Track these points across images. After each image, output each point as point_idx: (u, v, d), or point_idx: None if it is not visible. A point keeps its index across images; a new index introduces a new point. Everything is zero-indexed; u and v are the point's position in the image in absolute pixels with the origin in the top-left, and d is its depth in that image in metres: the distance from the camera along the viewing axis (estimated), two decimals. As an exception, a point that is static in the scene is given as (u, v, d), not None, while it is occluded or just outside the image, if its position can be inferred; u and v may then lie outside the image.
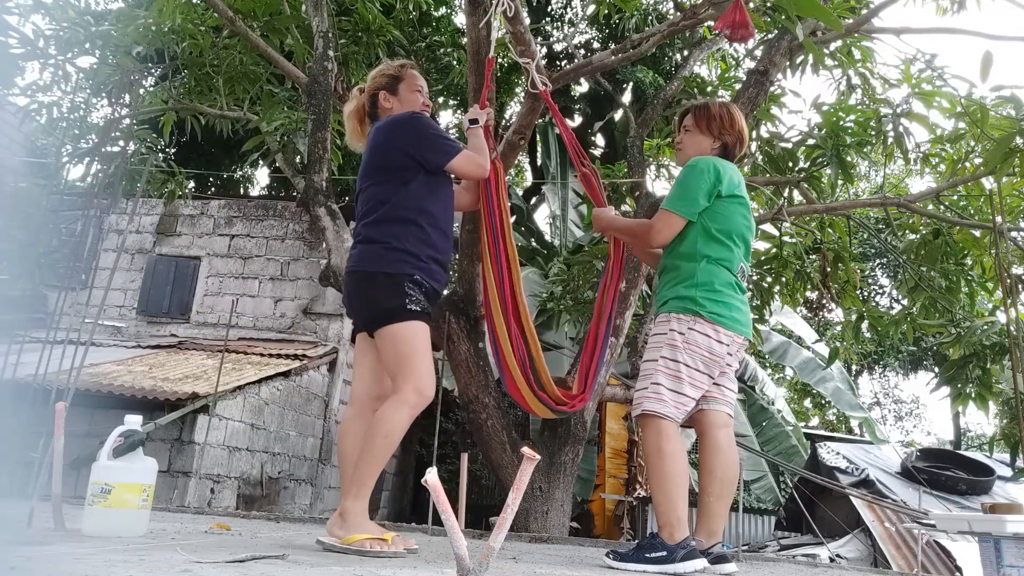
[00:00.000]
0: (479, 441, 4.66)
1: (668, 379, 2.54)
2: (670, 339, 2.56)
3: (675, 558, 2.39)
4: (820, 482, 7.67)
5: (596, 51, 13.71)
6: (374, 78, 2.81)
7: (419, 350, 2.46)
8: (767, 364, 14.67)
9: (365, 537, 2.28)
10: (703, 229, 2.63)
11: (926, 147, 5.21)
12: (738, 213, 2.68)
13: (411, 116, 2.63)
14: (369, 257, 2.52)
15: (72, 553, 1.77)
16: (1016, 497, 7.83)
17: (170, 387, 7.10)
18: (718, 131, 2.76)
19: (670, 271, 2.69)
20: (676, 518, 2.44)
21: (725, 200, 2.64)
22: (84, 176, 6.33)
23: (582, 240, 12.58)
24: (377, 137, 2.64)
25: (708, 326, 2.55)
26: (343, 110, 2.92)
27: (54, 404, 2.52)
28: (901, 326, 5.61)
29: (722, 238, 2.63)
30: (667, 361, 2.55)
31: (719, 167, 2.65)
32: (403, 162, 2.57)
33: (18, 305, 9.33)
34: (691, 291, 2.57)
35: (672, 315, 2.59)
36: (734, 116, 2.78)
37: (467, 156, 2.66)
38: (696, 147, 2.78)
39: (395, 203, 2.53)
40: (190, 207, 10.97)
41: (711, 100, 2.91)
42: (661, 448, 2.50)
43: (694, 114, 2.82)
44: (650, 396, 2.54)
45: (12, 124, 7.72)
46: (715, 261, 2.61)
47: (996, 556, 2.81)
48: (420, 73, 2.85)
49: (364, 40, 6.53)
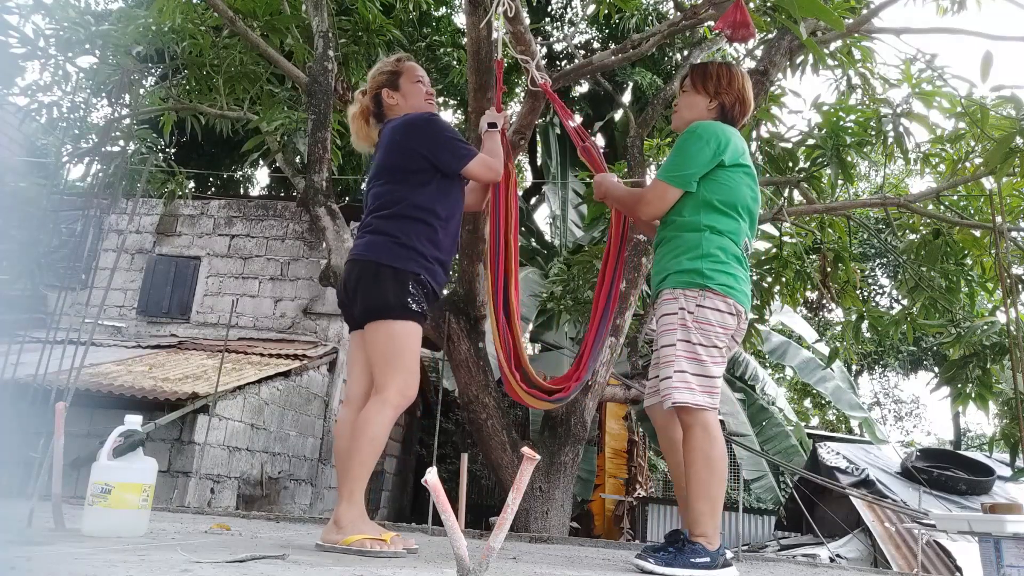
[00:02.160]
0: (479, 441, 4.66)
1: (691, 364, 2.35)
2: (681, 319, 2.37)
3: (717, 565, 2.30)
4: (820, 482, 7.67)
5: (596, 51, 13.71)
6: (374, 77, 2.80)
7: (409, 351, 2.45)
8: (767, 364, 14.66)
9: (364, 537, 2.28)
10: (704, 200, 2.43)
11: (926, 147, 5.21)
12: (743, 184, 2.47)
13: (428, 118, 2.62)
14: (377, 248, 2.50)
15: (72, 553, 1.77)
16: (1016, 497, 7.83)
17: (170, 387, 7.10)
18: (714, 90, 2.55)
19: (669, 242, 2.50)
20: (715, 527, 2.34)
21: (729, 169, 2.44)
22: (84, 176, 6.35)
23: (582, 240, 12.59)
24: (393, 137, 2.62)
25: (719, 299, 2.37)
26: (347, 113, 2.91)
27: (54, 404, 2.51)
28: (901, 326, 5.62)
29: (726, 210, 2.43)
30: (684, 345, 2.36)
31: (721, 133, 2.44)
32: (419, 164, 2.56)
33: (18, 305, 9.32)
34: (696, 263, 2.38)
35: (678, 291, 2.40)
36: (733, 74, 2.58)
37: (482, 160, 2.65)
38: (692, 109, 2.59)
39: (409, 201, 2.52)
40: (190, 207, 10.98)
41: (712, 60, 2.81)
42: (709, 455, 2.33)
43: (691, 74, 2.64)
44: (678, 386, 2.34)
45: (12, 124, 7.72)
46: (720, 232, 2.41)
47: (996, 556, 2.81)
48: (417, 64, 2.83)
49: (364, 40, 6.53)
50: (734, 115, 2.59)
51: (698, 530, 2.34)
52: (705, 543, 2.32)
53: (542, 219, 16.39)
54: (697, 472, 2.34)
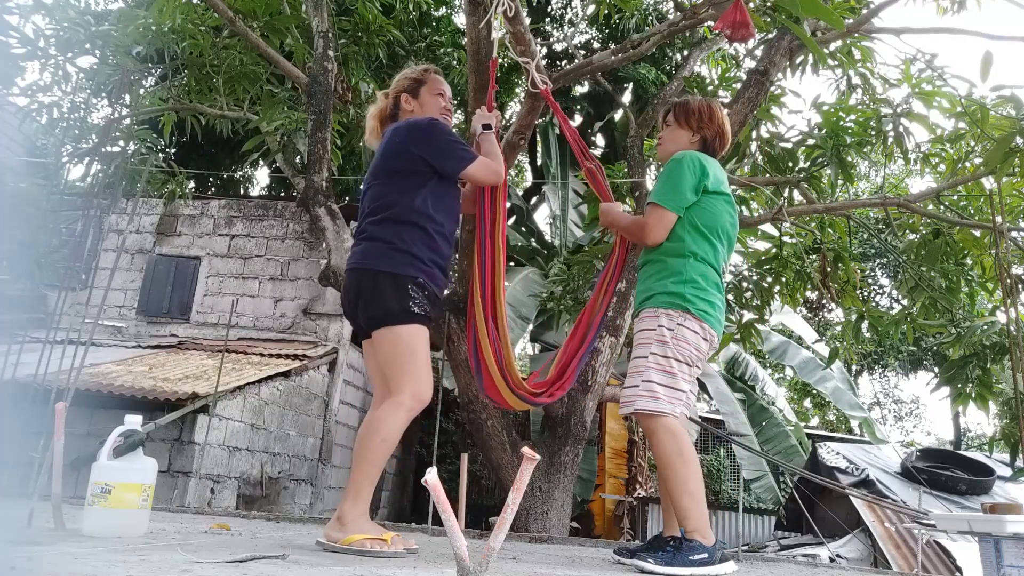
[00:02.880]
0: (479, 441, 4.66)
1: (661, 375, 2.51)
2: (659, 335, 2.53)
3: (715, 560, 2.36)
4: (820, 482, 7.67)
5: (596, 51, 13.71)
6: (398, 81, 2.83)
7: (418, 353, 2.46)
8: (767, 364, 14.67)
9: (365, 537, 2.28)
10: (690, 224, 2.61)
11: (926, 147, 5.21)
12: (724, 210, 2.66)
13: (428, 122, 2.63)
14: (374, 255, 2.51)
15: (72, 553, 1.77)
16: (1016, 497, 7.83)
17: (170, 387, 7.10)
18: (696, 125, 2.75)
19: (655, 264, 2.66)
20: (705, 520, 2.42)
21: (712, 196, 2.63)
22: (84, 176, 6.34)
23: (582, 240, 12.58)
24: (393, 138, 2.63)
25: (696, 323, 2.55)
26: (366, 110, 2.93)
27: (54, 404, 2.51)
28: (901, 326, 5.61)
29: (708, 234, 2.62)
30: (657, 357, 2.52)
31: (703, 162, 2.63)
32: (417, 167, 2.56)
33: (18, 305, 9.33)
34: (680, 287, 2.55)
35: (660, 310, 2.56)
36: (713, 110, 2.77)
37: (483, 163, 2.66)
38: (675, 142, 2.77)
39: (404, 205, 2.53)
40: (190, 207, 10.98)
41: (692, 96, 2.91)
42: (682, 452, 2.45)
43: (674, 110, 2.81)
44: (643, 394, 2.50)
45: (12, 124, 7.72)
46: (701, 259, 2.60)
47: (996, 556, 2.81)
48: (443, 78, 2.85)
49: (364, 40, 6.53)
50: (715, 148, 2.78)
51: (690, 525, 2.41)
52: (700, 539, 2.38)
53: (542, 219, 16.40)
54: (674, 470, 2.45)
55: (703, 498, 2.46)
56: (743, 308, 6.05)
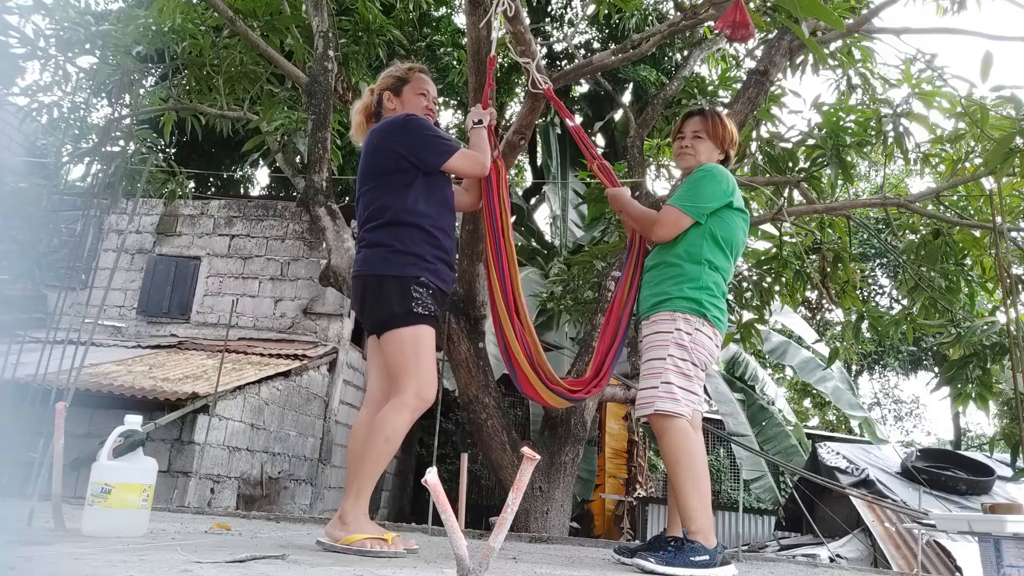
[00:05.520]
0: (479, 441, 4.66)
1: (679, 377, 2.55)
2: (677, 338, 2.57)
3: (716, 562, 2.39)
4: (820, 482, 7.67)
5: (596, 51, 13.72)
6: (382, 78, 2.82)
7: (423, 354, 2.46)
8: (767, 364, 14.66)
9: (365, 537, 2.28)
10: (710, 234, 2.67)
11: (926, 147, 5.21)
12: (740, 227, 2.76)
13: (404, 118, 2.62)
14: (376, 261, 2.52)
15: (72, 553, 1.77)
16: (1016, 497, 7.83)
17: (170, 387, 7.10)
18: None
19: (670, 268, 2.69)
20: (709, 523, 2.45)
21: (734, 211, 2.72)
22: (84, 176, 6.34)
23: (582, 240, 12.58)
24: (372, 139, 2.63)
25: (711, 329, 2.63)
26: (352, 106, 2.92)
27: (54, 404, 2.51)
28: (901, 326, 5.61)
29: (724, 247, 2.70)
30: (676, 360, 2.56)
31: (731, 178, 2.74)
32: (400, 165, 2.56)
33: (18, 305, 9.33)
34: (697, 293, 2.61)
35: (678, 314, 2.60)
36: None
37: (465, 154, 2.64)
38: (708, 154, 2.85)
39: (397, 207, 2.53)
40: (190, 207, 10.98)
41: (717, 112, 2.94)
42: (691, 451, 2.50)
43: (710, 121, 2.87)
44: (663, 395, 2.53)
45: (12, 124, 7.72)
46: (715, 268, 2.67)
47: (996, 556, 2.81)
48: (429, 77, 2.83)
49: (364, 40, 6.52)
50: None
51: (693, 526, 2.43)
52: (703, 541, 2.40)
53: (542, 219, 16.40)
54: (684, 468, 2.49)
55: (708, 499, 2.49)
56: (743, 308, 6.04)
